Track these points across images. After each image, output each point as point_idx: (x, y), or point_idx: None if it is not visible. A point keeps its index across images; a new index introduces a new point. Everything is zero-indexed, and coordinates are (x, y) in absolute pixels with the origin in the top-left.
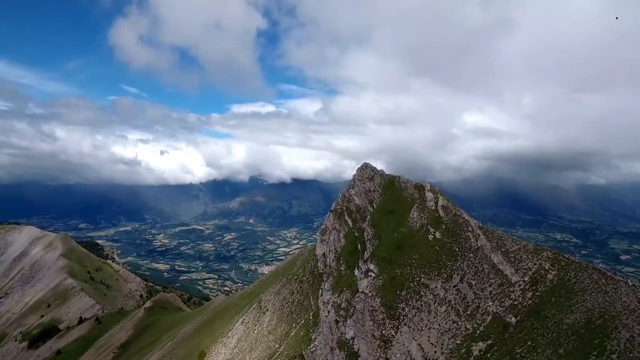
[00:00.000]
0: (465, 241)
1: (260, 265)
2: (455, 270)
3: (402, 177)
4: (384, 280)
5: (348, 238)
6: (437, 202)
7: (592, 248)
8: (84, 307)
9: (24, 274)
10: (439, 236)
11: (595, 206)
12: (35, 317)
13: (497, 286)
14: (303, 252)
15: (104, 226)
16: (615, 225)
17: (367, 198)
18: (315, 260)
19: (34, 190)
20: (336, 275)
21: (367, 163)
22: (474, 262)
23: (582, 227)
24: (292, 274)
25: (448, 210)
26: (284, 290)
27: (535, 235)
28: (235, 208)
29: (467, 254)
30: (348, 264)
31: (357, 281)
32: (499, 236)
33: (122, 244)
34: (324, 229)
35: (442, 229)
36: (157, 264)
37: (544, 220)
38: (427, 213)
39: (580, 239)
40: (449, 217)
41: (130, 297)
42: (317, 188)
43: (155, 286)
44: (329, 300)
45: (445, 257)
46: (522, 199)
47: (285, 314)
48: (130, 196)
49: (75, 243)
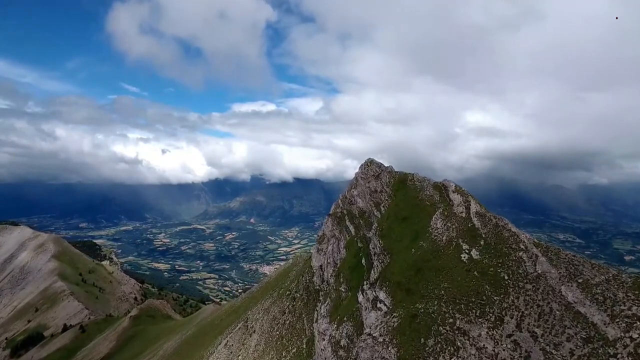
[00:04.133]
0: (517, 265)
1: (261, 265)
2: (507, 309)
3: (417, 174)
4: (401, 319)
5: (350, 249)
6: (469, 208)
7: (595, 248)
8: (72, 313)
9: (13, 276)
10: (477, 256)
11: (598, 206)
12: (22, 322)
13: (583, 342)
14: (298, 261)
15: (105, 225)
16: (618, 225)
17: (373, 200)
18: (311, 274)
19: (34, 190)
20: (335, 297)
21: (372, 159)
22: (536, 299)
23: (585, 227)
24: (284, 288)
25: (486, 219)
26: (274, 308)
27: (538, 236)
28: (236, 207)
29: (523, 284)
30: (349, 284)
31: (361, 310)
32: (568, 259)
33: (123, 243)
34: (321, 236)
35: (481, 246)
36: (157, 263)
37: (546, 220)
38: (456, 222)
39: (584, 239)
40: (488, 228)
41: (123, 300)
42: (318, 187)
43: (150, 288)
44: (325, 331)
45: (489, 288)
46: (524, 198)
47: (275, 338)
48: (131, 195)
49: (68, 244)
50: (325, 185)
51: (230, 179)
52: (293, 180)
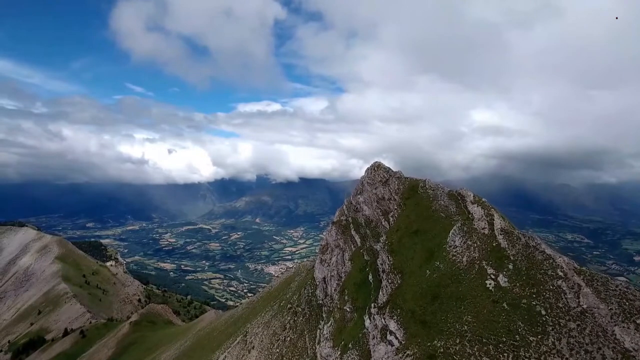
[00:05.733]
0: (556, 296)
1: (267, 265)
2: (547, 354)
3: (429, 180)
4: (416, 359)
5: (355, 261)
6: (492, 223)
7: (604, 249)
8: (74, 316)
9: (17, 277)
10: (505, 283)
11: (606, 205)
12: (25, 325)
13: None
14: (300, 270)
15: (112, 225)
16: (627, 225)
17: (381, 208)
18: (314, 286)
19: (42, 189)
20: (339, 317)
21: (379, 162)
22: (583, 342)
23: (593, 227)
24: (285, 300)
25: (514, 237)
26: (275, 322)
27: (546, 236)
28: (241, 207)
29: (565, 322)
30: (355, 303)
31: (368, 338)
32: (620, 291)
33: (129, 243)
34: (324, 245)
35: (509, 271)
36: (163, 263)
37: (554, 220)
38: (478, 240)
39: (592, 240)
40: (516, 249)
41: (127, 302)
42: (323, 187)
43: (155, 290)
44: (327, 357)
45: (523, 325)
46: (531, 198)
47: (275, 356)
48: (137, 195)
49: (72, 245)
50: (331, 184)
51: (236, 179)
52: (298, 180)
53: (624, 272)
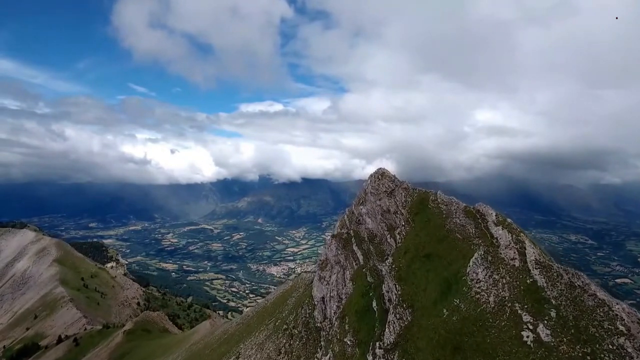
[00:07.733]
0: None
1: (269, 266)
2: None
3: (440, 193)
4: None
5: (357, 282)
6: (525, 254)
7: (608, 250)
8: (69, 322)
9: (15, 281)
10: (548, 338)
11: (610, 206)
12: (21, 330)
13: None
14: (298, 284)
15: (114, 225)
16: (631, 226)
17: (385, 222)
18: (312, 306)
19: (45, 189)
20: (338, 350)
21: (384, 170)
22: None
23: (597, 228)
24: (281, 319)
25: (553, 273)
26: (269, 344)
27: (550, 237)
28: (243, 207)
29: None
30: (356, 335)
31: None
32: None
33: (132, 243)
34: (323, 261)
35: (552, 320)
36: (165, 263)
37: (557, 220)
38: (507, 274)
39: (596, 241)
40: (558, 289)
41: (126, 306)
42: (326, 187)
43: (155, 292)
44: None
45: None
46: (535, 198)
47: None
48: (140, 195)
49: (71, 248)
50: (333, 185)
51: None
52: (301, 180)
53: (628, 273)
